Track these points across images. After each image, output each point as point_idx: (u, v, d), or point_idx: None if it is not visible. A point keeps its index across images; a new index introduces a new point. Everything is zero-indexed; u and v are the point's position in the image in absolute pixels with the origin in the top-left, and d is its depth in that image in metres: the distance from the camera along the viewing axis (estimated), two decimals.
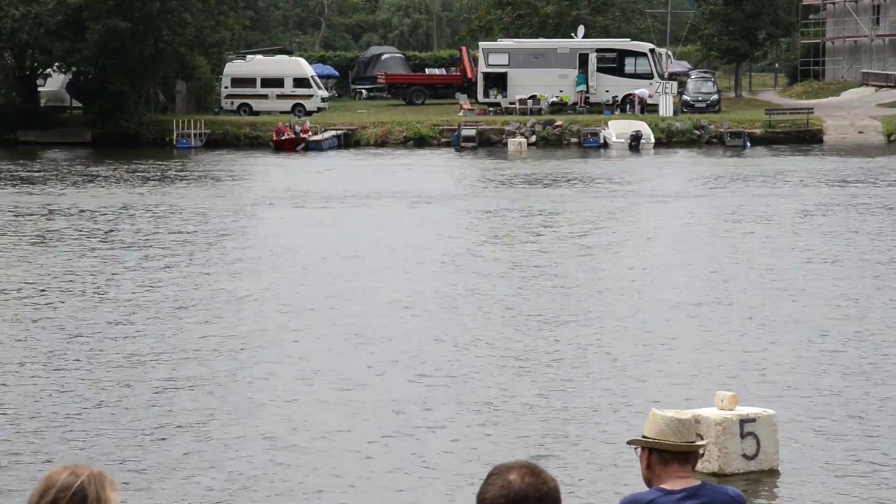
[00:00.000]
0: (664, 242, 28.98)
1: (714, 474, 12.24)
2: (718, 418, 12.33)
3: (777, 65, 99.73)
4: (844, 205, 36.09)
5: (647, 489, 5.09)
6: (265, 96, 75.14)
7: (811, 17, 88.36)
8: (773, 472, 12.42)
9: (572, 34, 77.01)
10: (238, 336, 18.87)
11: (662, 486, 5.06)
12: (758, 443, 12.32)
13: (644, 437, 5.15)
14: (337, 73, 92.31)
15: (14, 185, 43.86)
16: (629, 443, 5.37)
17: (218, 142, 66.15)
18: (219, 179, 46.90)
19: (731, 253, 27.03)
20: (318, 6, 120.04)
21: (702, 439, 11.79)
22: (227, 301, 21.66)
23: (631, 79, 71.34)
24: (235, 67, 75.68)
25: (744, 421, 12.32)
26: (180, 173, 49.65)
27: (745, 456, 12.30)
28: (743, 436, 12.27)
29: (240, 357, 17.51)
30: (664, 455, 5.07)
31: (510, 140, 63.23)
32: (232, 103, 75.32)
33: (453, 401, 15.14)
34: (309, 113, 73.08)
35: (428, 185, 42.89)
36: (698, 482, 5.08)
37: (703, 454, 11.97)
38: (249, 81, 75.26)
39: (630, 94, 70.10)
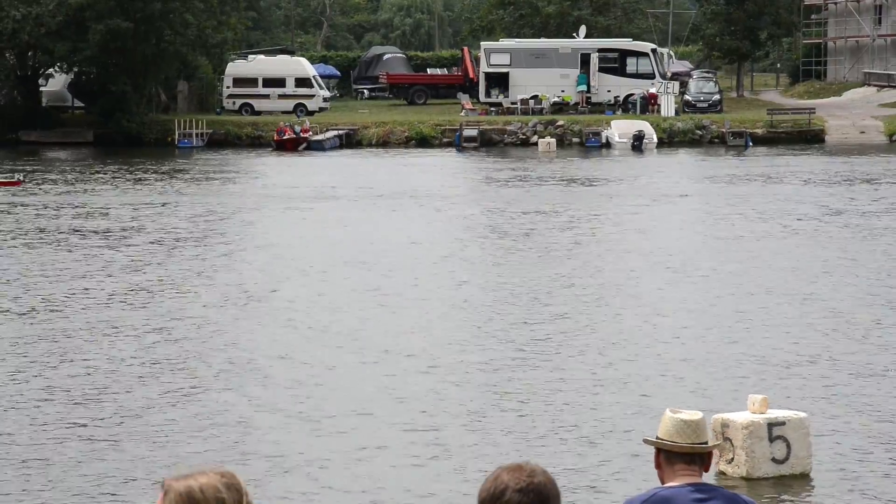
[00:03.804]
0: (677, 243, 28.88)
1: (742, 478, 12.18)
2: (745, 422, 12.20)
3: (779, 65, 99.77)
4: (849, 205, 36.06)
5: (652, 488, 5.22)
6: (267, 96, 75.22)
7: (813, 16, 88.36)
8: (805, 477, 12.28)
9: (574, 34, 77.05)
10: (231, 333, 18.87)
11: (667, 484, 5.15)
12: (788, 446, 12.17)
13: (657, 436, 5.27)
14: (338, 73, 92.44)
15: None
16: (644, 441, 5.49)
17: (220, 142, 66.23)
18: (220, 179, 46.94)
19: (745, 254, 26.93)
20: (320, 6, 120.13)
21: (721, 440, 11.85)
22: (220, 300, 21.67)
23: (632, 79, 71.39)
24: (237, 67, 75.77)
25: (772, 424, 12.18)
26: (181, 173, 49.66)
27: (774, 460, 12.16)
28: (772, 439, 12.13)
29: (233, 354, 17.50)
30: (670, 455, 5.20)
31: (540, 140, 63.28)
32: (234, 103, 75.39)
33: (468, 396, 15.11)
34: (311, 113, 73.15)
35: (444, 184, 42.97)
36: (701, 481, 5.14)
37: (732, 458, 11.97)
38: (251, 81, 75.35)
39: (631, 94, 70.13)
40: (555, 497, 4.06)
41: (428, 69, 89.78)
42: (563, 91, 72.09)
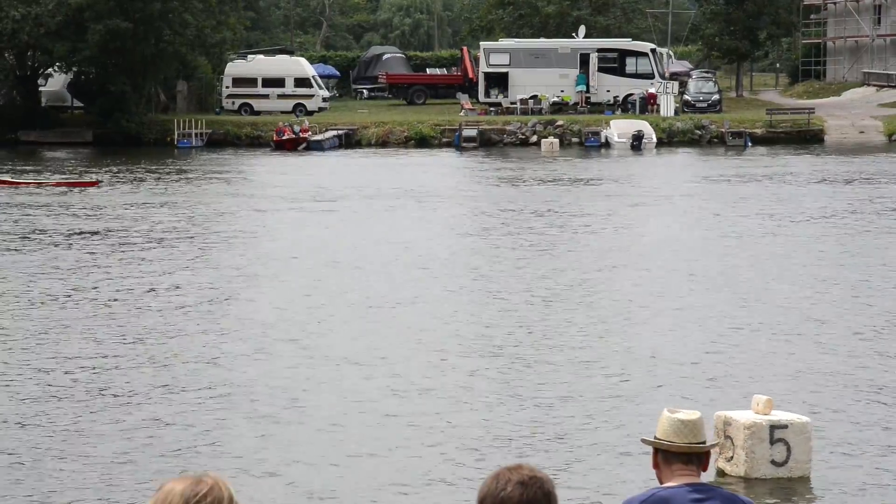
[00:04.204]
0: (678, 243, 28.82)
1: (740, 478, 12.17)
2: (748, 422, 12.19)
3: (778, 65, 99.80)
4: (849, 205, 36.04)
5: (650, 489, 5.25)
6: (266, 96, 75.25)
7: (812, 16, 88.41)
8: (803, 480, 12.24)
9: (573, 34, 77.08)
10: (227, 332, 18.86)
11: (665, 485, 5.18)
12: (788, 449, 12.15)
13: (654, 436, 5.28)
14: (338, 73, 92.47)
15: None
16: (642, 440, 5.53)
17: (219, 142, 66.27)
18: (220, 179, 46.93)
19: (745, 254, 26.89)
20: (320, 6, 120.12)
21: (722, 437, 11.84)
22: (216, 297, 21.66)
23: (632, 79, 71.42)
24: (237, 67, 75.80)
25: (774, 427, 12.16)
26: (181, 173, 49.65)
27: (773, 462, 12.14)
28: (772, 441, 12.12)
29: (226, 354, 17.48)
30: (668, 455, 5.23)
31: (543, 140, 63.33)
32: (233, 103, 75.42)
33: (464, 397, 15.06)
34: (310, 113, 73.18)
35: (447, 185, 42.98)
36: (699, 481, 5.15)
37: (731, 457, 11.95)
38: (251, 81, 75.38)
39: (631, 94, 70.17)
40: (555, 495, 4.09)
41: (427, 69, 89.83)
42: (562, 91, 72.13)
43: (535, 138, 64.90)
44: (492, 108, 72.40)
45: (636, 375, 16.25)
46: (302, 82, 75.76)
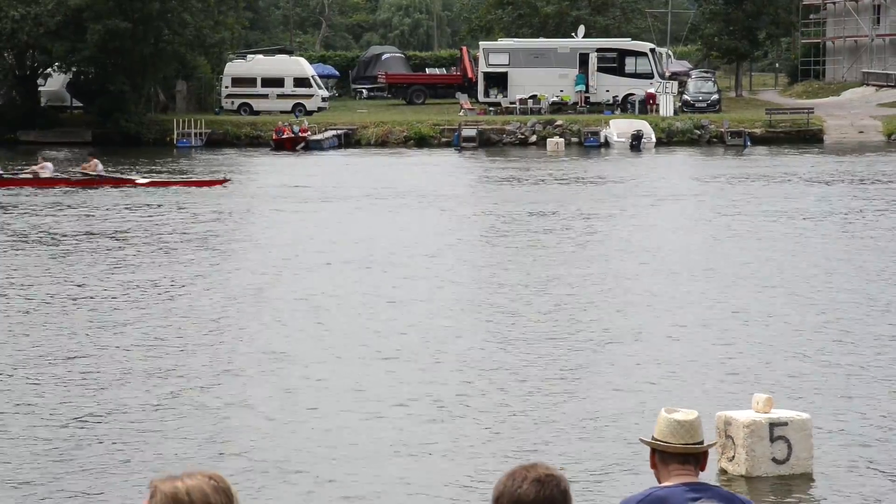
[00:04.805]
0: (677, 242, 28.82)
1: (741, 476, 12.16)
2: (747, 421, 12.17)
3: (777, 64, 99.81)
4: (848, 204, 36.05)
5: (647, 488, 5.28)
6: (266, 96, 75.28)
7: (812, 16, 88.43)
8: (805, 478, 12.23)
9: (572, 34, 77.11)
10: (225, 332, 18.85)
11: (662, 484, 5.21)
12: (789, 447, 12.14)
13: (652, 436, 5.31)
14: (337, 73, 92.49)
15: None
16: (640, 440, 5.55)
17: (218, 141, 66.28)
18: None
19: (744, 253, 26.89)
20: (319, 6, 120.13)
21: (722, 437, 11.83)
22: (215, 299, 21.66)
23: (631, 78, 71.44)
24: (236, 67, 75.84)
25: (774, 424, 12.14)
26: (180, 173, 49.63)
27: (774, 460, 12.13)
28: (773, 439, 12.10)
29: (225, 354, 17.48)
30: (665, 455, 5.26)
31: (549, 140, 63.35)
32: (232, 103, 75.45)
33: (464, 396, 15.05)
34: (309, 112, 73.22)
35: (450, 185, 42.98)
36: (696, 480, 5.17)
37: (732, 456, 11.94)
38: (250, 81, 75.42)
39: (632, 94, 70.19)
40: (570, 494, 4.10)
41: (427, 69, 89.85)
42: (561, 91, 72.15)
43: (534, 138, 64.92)
44: (491, 108, 72.44)
45: (635, 375, 16.25)
46: (301, 82, 75.79)
